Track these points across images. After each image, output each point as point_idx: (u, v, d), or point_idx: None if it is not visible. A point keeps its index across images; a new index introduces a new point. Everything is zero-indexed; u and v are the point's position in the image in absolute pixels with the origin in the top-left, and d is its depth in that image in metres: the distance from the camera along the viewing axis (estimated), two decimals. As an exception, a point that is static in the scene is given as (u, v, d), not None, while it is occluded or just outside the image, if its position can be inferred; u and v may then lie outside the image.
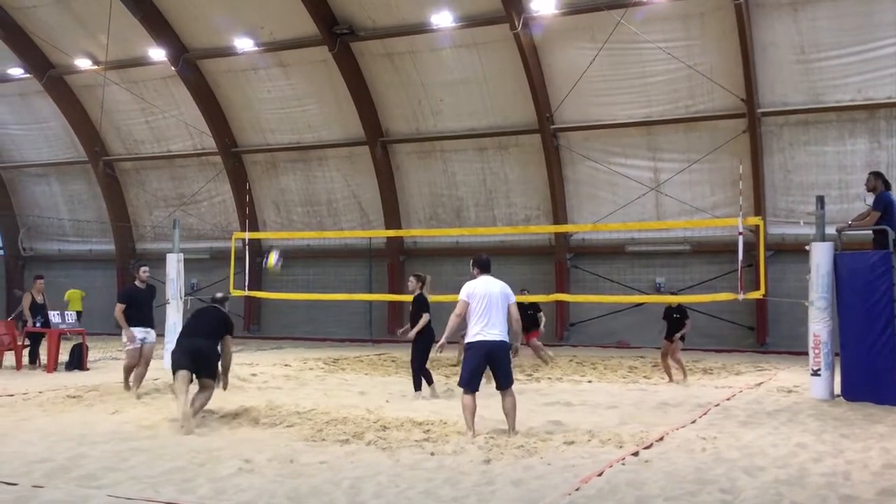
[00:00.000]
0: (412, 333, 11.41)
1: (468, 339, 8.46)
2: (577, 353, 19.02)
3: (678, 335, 13.39)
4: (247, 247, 16.76)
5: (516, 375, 13.46)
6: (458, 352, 15.11)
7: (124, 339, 11.47)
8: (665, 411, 10.04)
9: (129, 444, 7.74)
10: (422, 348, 11.43)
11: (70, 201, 28.53)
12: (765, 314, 19.96)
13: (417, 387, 11.41)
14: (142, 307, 11.63)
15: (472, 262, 8.77)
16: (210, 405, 10.39)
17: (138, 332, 11.45)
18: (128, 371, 11.53)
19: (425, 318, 11.36)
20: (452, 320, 8.44)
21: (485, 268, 8.69)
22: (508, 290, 8.58)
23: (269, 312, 25.79)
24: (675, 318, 13.49)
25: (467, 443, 7.87)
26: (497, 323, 8.34)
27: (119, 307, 11.43)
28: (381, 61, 22.51)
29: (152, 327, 11.72)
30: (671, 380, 13.70)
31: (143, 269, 11.99)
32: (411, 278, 12.01)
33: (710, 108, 20.14)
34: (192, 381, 8.90)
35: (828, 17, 18.44)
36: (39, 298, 15.99)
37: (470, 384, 8.33)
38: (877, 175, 11.81)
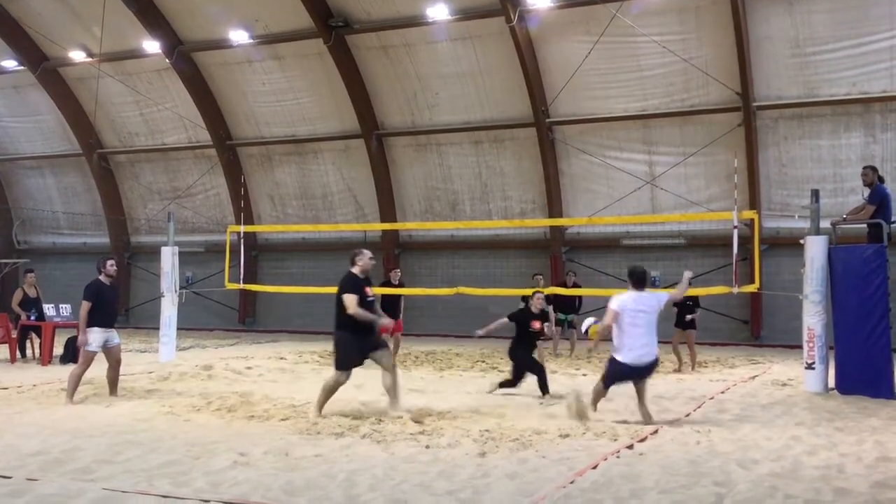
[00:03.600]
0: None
1: (620, 357, 8.65)
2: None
3: (689, 318, 13.96)
4: (242, 240, 16.72)
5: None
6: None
7: (79, 341, 10.34)
8: (659, 404, 10.07)
9: (123, 438, 7.75)
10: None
11: (64, 194, 28.44)
12: (759, 308, 19.99)
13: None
14: (107, 306, 10.46)
15: (627, 272, 8.90)
16: (204, 398, 10.41)
17: (101, 333, 10.30)
18: (76, 380, 10.20)
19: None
20: (601, 331, 8.74)
21: (639, 282, 8.74)
22: (662, 299, 8.84)
23: (264, 306, 25.76)
24: (688, 305, 13.80)
25: (462, 436, 7.89)
26: (650, 342, 8.63)
27: (85, 305, 10.16)
28: (376, 54, 22.46)
29: (113, 327, 10.56)
30: (679, 366, 13.87)
31: (109, 262, 10.60)
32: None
33: (706, 102, 20.13)
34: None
35: (823, 10, 18.44)
36: (32, 292, 15.97)
37: (609, 387, 9.03)
38: (874, 169, 11.86)
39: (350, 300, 8.99)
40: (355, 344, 9.10)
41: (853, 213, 12.06)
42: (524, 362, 10.58)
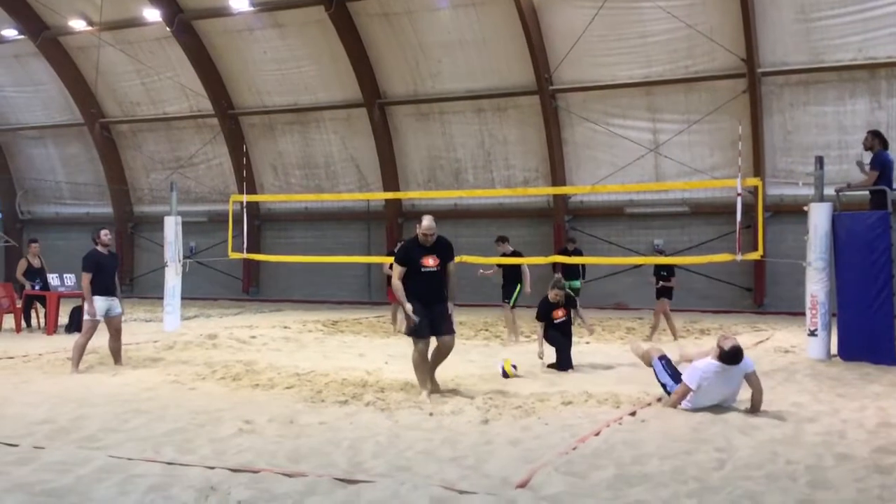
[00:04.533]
0: None
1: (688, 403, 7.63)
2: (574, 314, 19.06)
3: (659, 286, 14.01)
4: (244, 209, 16.72)
5: (516, 335, 13.56)
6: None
7: (86, 311, 10.40)
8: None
9: (129, 406, 7.79)
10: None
11: (67, 164, 28.40)
12: (763, 275, 20.00)
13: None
14: (106, 275, 10.47)
15: (719, 351, 7.48)
16: (209, 367, 10.48)
17: (103, 301, 10.38)
18: (81, 350, 10.27)
19: None
20: (673, 398, 7.70)
21: (730, 360, 7.45)
22: (747, 364, 7.55)
23: (267, 275, 25.82)
24: (662, 274, 13.89)
25: (466, 404, 7.94)
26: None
27: (86, 276, 10.27)
28: (377, 21, 22.28)
29: (117, 296, 10.66)
30: (675, 337, 13.94)
31: (103, 232, 10.61)
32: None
33: (710, 69, 19.98)
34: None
35: (829, -25, 18.25)
36: (36, 262, 16.00)
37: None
38: (874, 134, 11.78)
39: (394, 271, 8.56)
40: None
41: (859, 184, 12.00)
42: (553, 342, 10.65)
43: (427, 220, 8.58)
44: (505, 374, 9.74)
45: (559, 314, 10.69)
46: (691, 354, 8.33)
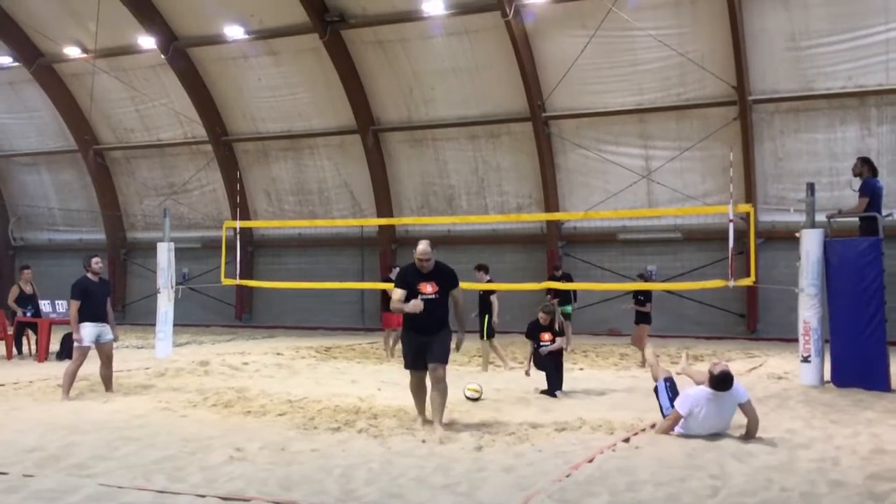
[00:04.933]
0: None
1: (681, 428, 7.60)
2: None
3: (630, 308, 14.28)
4: (238, 235, 16.71)
5: (509, 363, 13.53)
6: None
7: (77, 338, 10.31)
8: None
9: (120, 433, 7.73)
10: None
11: (60, 190, 28.41)
12: (755, 301, 20.03)
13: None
14: (96, 302, 10.42)
15: (709, 376, 7.50)
16: (200, 393, 10.42)
17: (93, 327, 10.33)
18: (72, 377, 10.15)
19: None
20: (665, 424, 7.68)
21: (719, 385, 7.43)
22: (741, 394, 7.54)
23: (260, 301, 25.76)
24: (639, 299, 14.01)
25: (459, 430, 7.90)
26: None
27: (74, 304, 10.23)
28: (371, 49, 22.44)
29: (108, 323, 10.59)
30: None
31: (94, 259, 10.63)
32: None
33: (702, 96, 20.14)
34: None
35: (818, 4, 18.43)
36: (28, 289, 15.94)
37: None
38: (864, 161, 11.86)
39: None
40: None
41: (850, 210, 12.06)
42: (542, 366, 10.65)
43: (422, 245, 8.34)
44: (474, 398, 9.77)
45: (546, 337, 10.68)
46: (692, 372, 8.37)
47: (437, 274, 8.28)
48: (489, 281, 14.08)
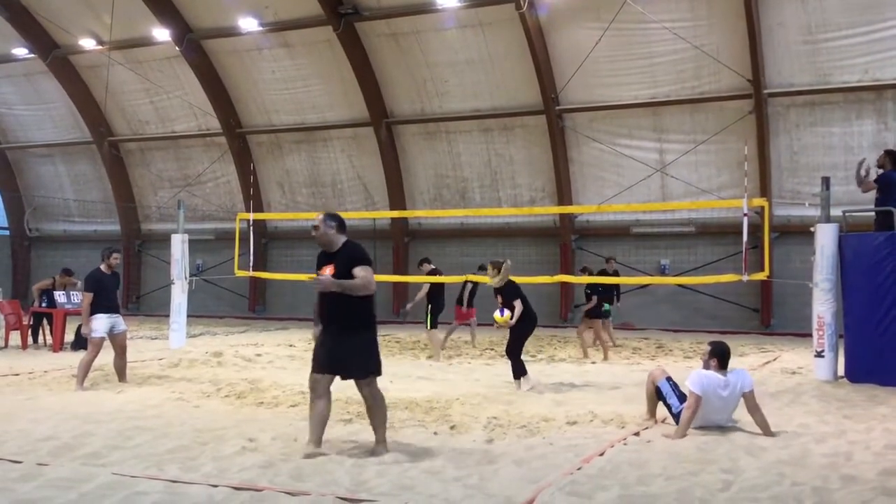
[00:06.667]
0: (513, 321, 10.24)
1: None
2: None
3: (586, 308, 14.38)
4: (251, 227, 16.75)
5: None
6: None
7: (82, 331, 10.60)
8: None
9: (133, 423, 7.79)
10: (518, 336, 10.48)
11: (75, 182, 28.55)
12: (769, 296, 19.94)
13: (519, 374, 10.41)
14: (109, 293, 10.60)
15: (709, 350, 7.68)
16: (214, 384, 10.48)
17: (107, 318, 10.46)
18: (86, 367, 10.25)
19: (519, 305, 10.28)
20: (686, 415, 7.44)
21: (721, 358, 7.59)
22: (746, 382, 7.62)
23: (274, 293, 25.84)
24: (587, 294, 14.48)
25: (470, 423, 7.91)
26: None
27: (88, 296, 10.38)
28: (385, 41, 22.41)
29: (119, 314, 10.77)
30: (584, 356, 14.05)
31: (114, 255, 10.78)
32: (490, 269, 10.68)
33: (717, 89, 20.02)
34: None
35: (836, -4, 18.31)
36: (52, 286, 15.99)
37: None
38: (889, 154, 11.80)
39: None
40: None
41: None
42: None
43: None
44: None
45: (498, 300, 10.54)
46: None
47: (340, 255, 7.17)
48: (433, 271, 14.15)
